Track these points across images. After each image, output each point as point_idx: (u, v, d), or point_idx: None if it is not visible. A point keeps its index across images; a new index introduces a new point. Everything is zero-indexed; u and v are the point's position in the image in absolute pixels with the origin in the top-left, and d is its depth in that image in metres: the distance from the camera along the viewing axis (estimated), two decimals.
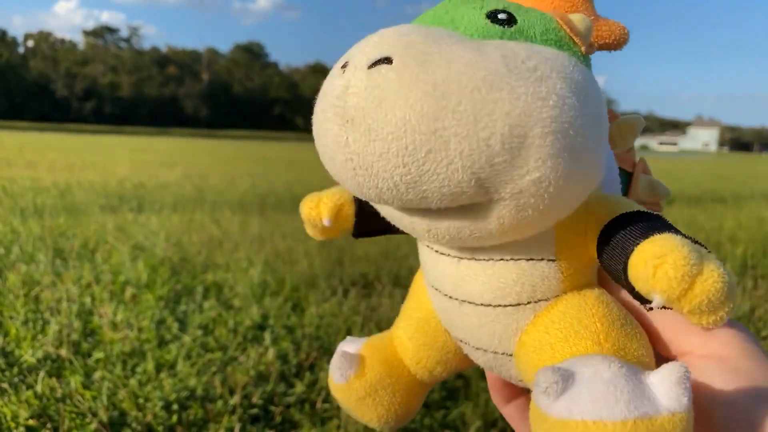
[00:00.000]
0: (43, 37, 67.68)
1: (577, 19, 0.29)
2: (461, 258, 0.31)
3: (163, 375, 1.24)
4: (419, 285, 0.40)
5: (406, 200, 0.25)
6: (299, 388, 1.22)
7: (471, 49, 0.24)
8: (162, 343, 1.41)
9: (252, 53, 76.90)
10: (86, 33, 72.95)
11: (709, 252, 0.24)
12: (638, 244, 0.25)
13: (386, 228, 0.35)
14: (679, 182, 8.30)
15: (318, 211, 0.38)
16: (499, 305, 0.31)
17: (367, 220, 0.38)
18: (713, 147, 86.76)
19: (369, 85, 0.24)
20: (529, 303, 0.30)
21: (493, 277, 0.30)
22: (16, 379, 1.19)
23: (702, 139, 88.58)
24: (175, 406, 1.12)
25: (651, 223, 0.26)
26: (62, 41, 70.18)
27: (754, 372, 0.25)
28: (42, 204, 3.49)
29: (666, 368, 0.24)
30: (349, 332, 1.50)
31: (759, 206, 5.03)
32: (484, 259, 0.30)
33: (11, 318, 1.52)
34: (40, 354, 1.30)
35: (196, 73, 71.90)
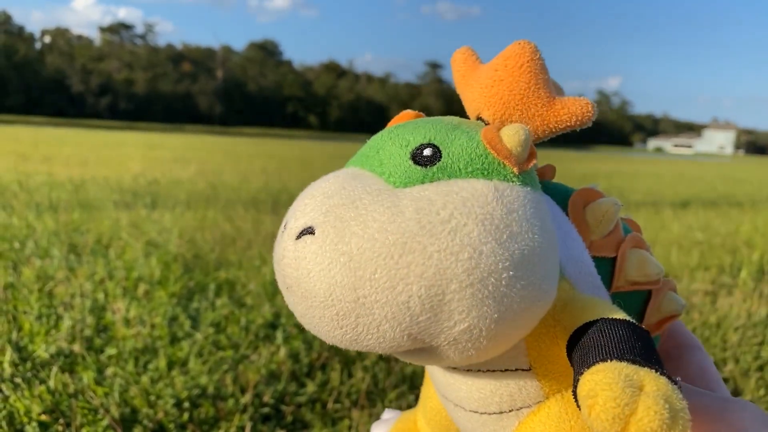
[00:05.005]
0: (60, 33, 68.23)
1: (509, 134, 0.28)
2: (447, 367, 0.32)
3: (174, 372, 1.24)
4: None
5: (356, 349, 0.27)
6: (310, 387, 1.22)
7: (386, 208, 0.25)
8: (174, 340, 1.41)
9: (266, 51, 77.11)
10: (102, 29, 73.46)
11: (659, 372, 0.23)
12: (582, 374, 0.24)
13: None
14: (695, 185, 8.23)
15: None
16: (485, 412, 0.32)
17: None
18: (729, 150, 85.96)
19: (297, 257, 0.26)
20: (511, 411, 0.31)
21: (473, 387, 0.31)
22: (29, 374, 1.20)
23: (718, 141, 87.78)
24: (186, 404, 1.12)
25: (604, 339, 0.25)
26: (79, 37, 70.71)
27: None
28: (57, 199, 3.52)
29: None
30: None
31: None
32: (464, 370, 0.31)
33: (25, 313, 1.53)
34: (53, 349, 1.31)
35: (211, 70, 72.20)
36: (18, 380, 1.16)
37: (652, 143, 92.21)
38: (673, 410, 0.21)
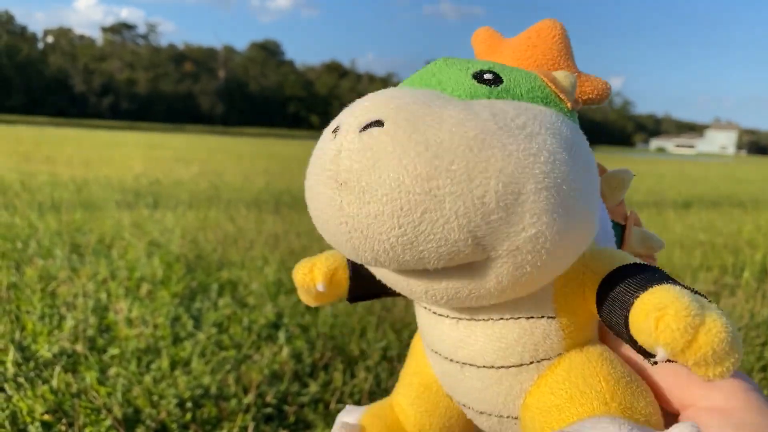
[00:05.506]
0: (63, 33, 68.31)
1: (561, 76, 0.29)
2: (460, 319, 0.31)
3: (177, 372, 1.24)
4: (418, 349, 0.39)
5: (402, 262, 0.25)
6: (313, 387, 1.22)
7: (461, 109, 0.24)
8: (177, 341, 1.41)
9: (268, 51, 77.14)
10: (104, 29, 73.53)
11: (710, 302, 0.24)
12: (638, 296, 0.24)
13: (382, 291, 0.35)
14: (697, 186, 8.22)
15: (312, 276, 0.38)
16: (502, 366, 0.30)
17: (362, 284, 0.37)
18: (731, 150, 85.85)
19: (362, 148, 0.24)
20: (532, 363, 0.30)
21: (494, 338, 0.30)
22: (32, 374, 1.20)
23: (719, 142, 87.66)
24: (189, 404, 1.12)
25: (649, 274, 0.26)
26: (81, 37, 70.78)
27: (759, 425, 0.25)
28: (59, 199, 3.52)
29: (677, 428, 0.24)
30: (363, 332, 1.49)
31: None
32: (483, 319, 0.30)
33: (28, 312, 1.53)
34: (56, 349, 1.31)
35: (213, 70, 72.22)
36: (21, 380, 1.17)
37: (654, 143, 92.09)
38: (734, 328, 0.22)
